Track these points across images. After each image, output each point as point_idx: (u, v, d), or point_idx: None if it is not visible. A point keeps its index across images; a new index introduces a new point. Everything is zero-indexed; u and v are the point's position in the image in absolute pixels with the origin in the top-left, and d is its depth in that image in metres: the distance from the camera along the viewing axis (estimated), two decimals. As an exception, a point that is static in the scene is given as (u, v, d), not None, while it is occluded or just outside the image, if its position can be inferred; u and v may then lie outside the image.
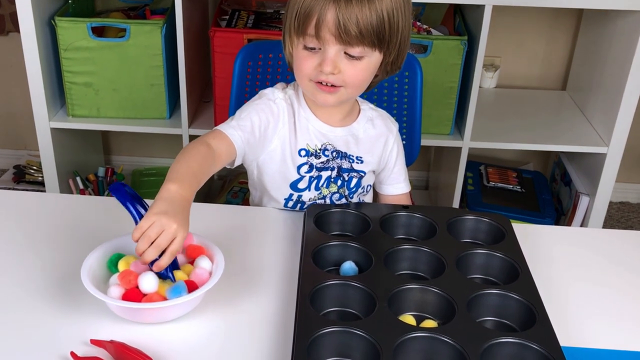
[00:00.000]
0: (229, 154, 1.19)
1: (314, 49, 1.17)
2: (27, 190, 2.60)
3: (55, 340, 0.96)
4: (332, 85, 1.19)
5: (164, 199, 1.00)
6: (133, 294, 0.97)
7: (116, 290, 0.98)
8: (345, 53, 1.16)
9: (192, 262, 1.06)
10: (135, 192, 1.05)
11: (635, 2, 1.94)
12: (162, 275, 1.01)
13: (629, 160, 2.28)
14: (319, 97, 1.22)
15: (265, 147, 1.27)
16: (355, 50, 1.15)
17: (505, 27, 2.41)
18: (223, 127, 1.21)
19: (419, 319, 1.01)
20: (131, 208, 1.01)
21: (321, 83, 1.19)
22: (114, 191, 1.02)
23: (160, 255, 0.97)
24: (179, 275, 1.02)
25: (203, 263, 1.04)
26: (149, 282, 0.98)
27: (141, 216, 1.00)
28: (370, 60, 1.18)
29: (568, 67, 2.53)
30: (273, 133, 1.27)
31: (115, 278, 1.01)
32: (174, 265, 1.03)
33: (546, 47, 2.51)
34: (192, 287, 0.99)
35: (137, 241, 0.96)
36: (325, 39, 1.14)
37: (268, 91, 1.29)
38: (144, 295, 0.98)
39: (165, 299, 0.97)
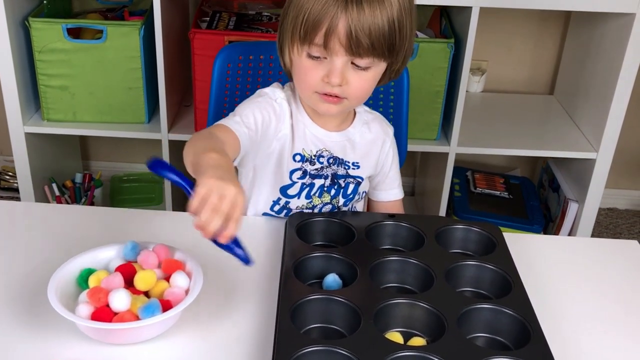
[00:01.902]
0: (234, 149, 1.11)
1: (319, 57, 1.10)
2: (1, 197, 2.53)
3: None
4: (336, 96, 1.13)
5: (211, 166, 0.89)
6: (103, 313, 0.91)
7: (85, 308, 0.92)
8: (352, 63, 1.10)
9: (168, 277, 0.99)
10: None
11: (623, 5, 1.91)
12: (228, 249, 0.90)
13: (616, 166, 2.24)
14: (321, 107, 1.16)
15: (263, 148, 1.21)
16: (364, 61, 1.10)
17: (492, 31, 2.38)
18: (227, 123, 1.13)
19: (407, 336, 0.95)
20: (178, 178, 0.90)
21: (326, 94, 1.13)
22: (156, 168, 0.91)
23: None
24: (145, 279, 0.95)
25: (179, 280, 0.97)
26: (120, 300, 0.91)
27: (192, 185, 0.88)
28: (377, 70, 1.14)
29: (556, 71, 2.50)
30: (274, 134, 1.21)
31: (84, 295, 0.94)
32: (236, 241, 0.92)
33: (533, 51, 2.48)
34: (166, 306, 0.92)
35: (195, 211, 0.85)
36: (334, 50, 1.08)
37: (268, 90, 1.23)
38: (115, 314, 0.91)
39: (137, 318, 0.91)
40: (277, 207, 1.27)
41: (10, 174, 2.58)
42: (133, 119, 2.12)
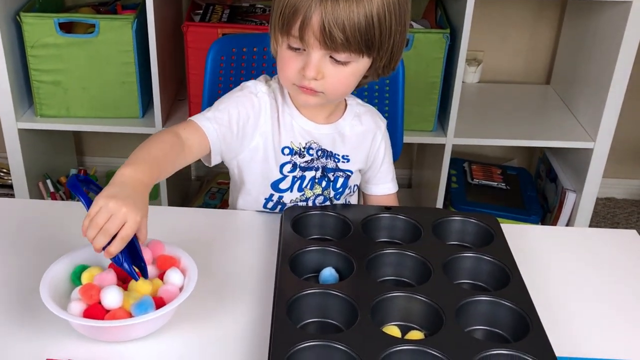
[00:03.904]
0: (201, 147, 1.12)
1: (299, 49, 1.09)
2: (-5, 194, 2.51)
3: (11, 358, 0.89)
4: (313, 90, 1.12)
5: (115, 182, 0.93)
6: (95, 310, 0.89)
7: (77, 305, 0.90)
8: (331, 57, 1.08)
9: (162, 274, 0.98)
10: (89, 177, 0.98)
11: (620, -7, 1.89)
12: (116, 263, 0.93)
13: (614, 155, 2.23)
14: (300, 98, 1.16)
15: (245, 144, 1.20)
16: (341, 56, 1.08)
17: (487, 21, 2.36)
18: (197, 118, 1.14)
19: (405, 330, 0.94)
20: (82, 199, 0.94)
21: (303, 87, 1.12)
22: (72, 187, 0.95)
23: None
24: (145, 289, 0.94)
25: (173, 277, 0.96)
26: (112, 297, 0.90)
27: None
28: (358, 66, 1.11)
29: (552, 60, 2.48)
30: (254, 129, 1.19)
31: (76, 292, 0.93)
32: (137, 257, 0.95)
33: (530, 41, 2.46)
34: (160, 303, 0.91)
35: (84, 229, 0.90)
36: (309, 43, 1.06)
37: (250, 84, 1.22)
38: (108, 311, 0.90)
39: (130, 315, 0.89)
40: (270, 204, 1.26)
41: (4, 170, 2.56)
42: (127, 114, 2.10)
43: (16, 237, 1.15)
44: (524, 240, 1.20)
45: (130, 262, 0.94)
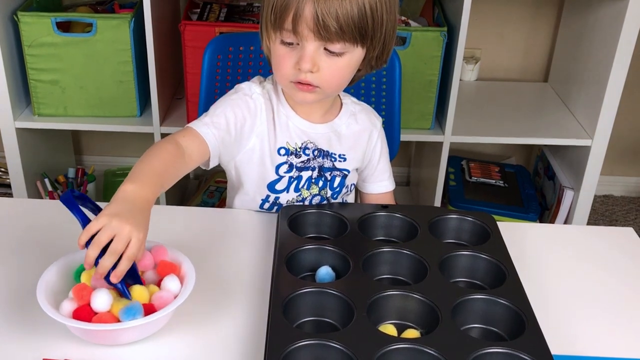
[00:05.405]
0: (201, 154, 1.11)
1: (292, 44, 1.09)
2: (-6, 193, 2.51)
3: (7, 358, 0.89)
4: (310, 84, 1.11)
5: (118, 199, 0.92)
6: (84, 312, 0.88)
7: (68, 305, 0.89)
8: (325, 49, 1.08)
9: (161, 280, 0.97)
10: (83, 194, 0.96)
11: (617, -9, 1.89)
12: (109, 282, 0.91)
13: (612, 153, 2.23)
14: (297, 96, 1.15)
15: (242, 146, 1.20)
16: (336, 47, 1.07)
17: (485, 18, 2.36)
18: (195, 125, 1.13)
19: (401, 329, 0.94)
20: (79, 216, 0.92)
21: (300, 82, 1.11)
22: (65, 202, 0.93)
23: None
24: (140, 293, 0.93)
25: (170, 284, 0.95)
26: (100, 300, 0.89)
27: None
28: (352, 57, 1.11)
29: (550, 58, 2.48)
30: (250, 131, 1.19)
31: (72, 291, 0.92)
32: (134, 277, 0.94)
33: (527, 38, 2.46)
34: (151, 310, 0.90)
35: (84, 246, 0.88)
36: (303, 35, 1.06)
37: (244, 85, 1.21)
38: (96, 313, 0.89)
39: (118, 319, 0.88)
40: (267, 205, 1.26)
41: (2, 169, 2.56)
42: (125, 113, 2.10)
43: (14, 236, 1.15)
44: (522, 238, 1.20)
45: (124, 281, 0.92)
